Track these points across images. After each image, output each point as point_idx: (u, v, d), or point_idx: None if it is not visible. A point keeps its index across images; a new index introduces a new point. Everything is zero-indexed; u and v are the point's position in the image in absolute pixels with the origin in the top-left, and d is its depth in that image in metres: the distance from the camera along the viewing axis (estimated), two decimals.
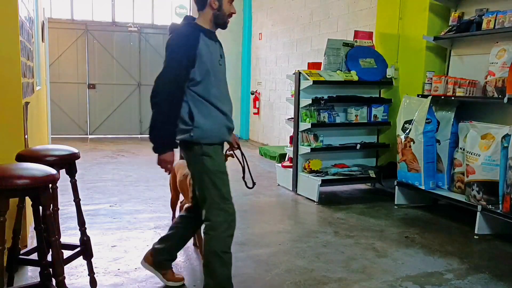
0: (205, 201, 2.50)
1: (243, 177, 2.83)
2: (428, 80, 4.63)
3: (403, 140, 4.57)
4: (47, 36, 7.08)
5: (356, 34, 5.52)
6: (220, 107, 2.49)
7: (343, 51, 5.27)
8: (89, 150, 8.05)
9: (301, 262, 3.24)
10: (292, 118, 5.28)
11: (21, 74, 3.07)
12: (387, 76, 5.28)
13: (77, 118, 9.82)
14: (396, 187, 4.77)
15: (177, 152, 2.61)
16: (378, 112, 5.26)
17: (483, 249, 3.61)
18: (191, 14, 10.29)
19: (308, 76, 4.93)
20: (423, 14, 4.85)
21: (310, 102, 4.95)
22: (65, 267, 2.26)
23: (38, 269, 2.42)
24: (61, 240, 2.56)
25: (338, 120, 5.15)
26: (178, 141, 2.49)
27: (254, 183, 2.82)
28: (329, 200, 5.04)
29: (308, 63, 5.60)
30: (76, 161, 2.60)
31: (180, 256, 3.28)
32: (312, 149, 5.02)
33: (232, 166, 7.41)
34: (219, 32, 2.57)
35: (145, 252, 2.89)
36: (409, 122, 4.54)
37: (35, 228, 2.35)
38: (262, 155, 7.94)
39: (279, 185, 5.66)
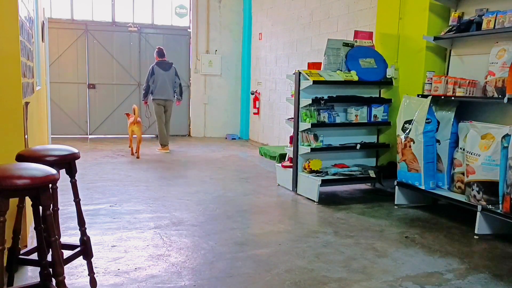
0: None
1: None
2: (428, 80, 4.63)
3: (403, 140, 4.57)
4: (47, 36, 7.08)
5: (356, 34, 5.52)
6: None
7: (343, 51, 5.27)
8: (89, 150, 8.05)
9: (301, 262, 3.24)
10: (292, 118, 5.28)
11: (21, 74, 3.07)
12: (387, 76, 5.27)
13: (77, 118, 9.82)
14: (396, 187, 4.78)
15: None
16: (378, 112, 5.27)
17: (483, 249, 3.61)
18: (191, 14, 10.29)
19: (308, 76, 4.93)
20: (423, 14, 4.86)
21: (310, 102, 4.95)
22: (65, 267, 2.26)
23: (38, 269, 2.42)
24: (61, 240, 2.56)
25: (338, 120, 5.15)
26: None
27: None
28: (329, 200, 5.04)
29: (308, 63, 5.59)
30: (76, 161, 2.60)
31: (180, 256, 3.29)
32: (312, 149, 5.02)
33: (232, 166, 7.36)
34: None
35: (145, 252, 2.89)
36: (409, 122, 4.54)
37: (35, 228, 2.35)
38: (262, 155, 7.93)
39: (279, 185, 5.66)
